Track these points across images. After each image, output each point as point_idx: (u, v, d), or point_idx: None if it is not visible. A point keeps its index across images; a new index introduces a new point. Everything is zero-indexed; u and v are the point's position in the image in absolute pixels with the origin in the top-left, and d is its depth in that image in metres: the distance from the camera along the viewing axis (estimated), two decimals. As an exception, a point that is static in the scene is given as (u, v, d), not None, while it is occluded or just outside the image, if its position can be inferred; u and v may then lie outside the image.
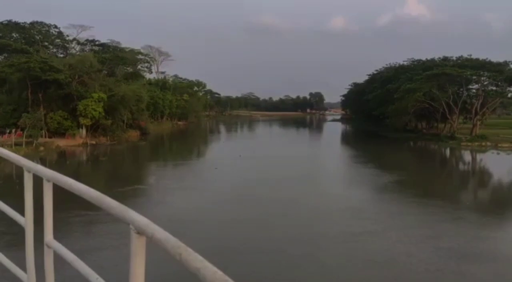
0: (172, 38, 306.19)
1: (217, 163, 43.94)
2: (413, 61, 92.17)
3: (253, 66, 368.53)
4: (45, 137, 64.72)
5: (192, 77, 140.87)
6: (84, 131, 69.81)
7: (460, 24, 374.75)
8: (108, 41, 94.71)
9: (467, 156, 60.13)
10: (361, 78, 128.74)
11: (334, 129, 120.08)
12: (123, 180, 32.94)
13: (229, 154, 51.89)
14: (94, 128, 71.22)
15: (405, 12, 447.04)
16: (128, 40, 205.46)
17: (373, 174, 38.55)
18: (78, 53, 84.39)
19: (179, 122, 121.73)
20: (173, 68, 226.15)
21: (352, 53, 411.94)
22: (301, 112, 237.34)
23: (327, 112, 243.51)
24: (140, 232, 1.62)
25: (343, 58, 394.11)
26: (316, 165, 43.36)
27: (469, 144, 72.29)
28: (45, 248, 2.36)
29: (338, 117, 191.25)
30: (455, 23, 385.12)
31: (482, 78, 73.60)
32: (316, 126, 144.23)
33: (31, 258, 2.54)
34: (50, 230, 2.38)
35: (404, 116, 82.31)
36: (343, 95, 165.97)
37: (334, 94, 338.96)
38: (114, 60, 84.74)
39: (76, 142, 68.10)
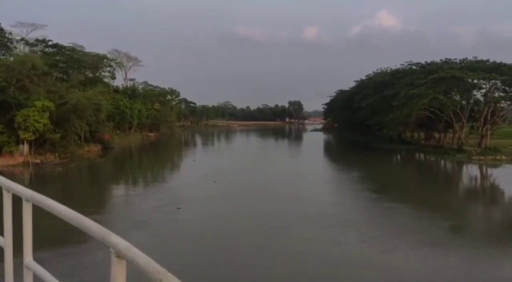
0: (145, 46, 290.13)
1: (184, 193, 30.92)
2: (410, 65, 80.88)
3: (230, 75, 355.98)
4: (-25, 155, 51.27)
5: (165, 85, 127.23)
6: (26, 147, 55.66)
7: (431, 36, 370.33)
8: (70, 44, 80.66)
9: (493, 175, 48.29)
10: (341, 86, 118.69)
11: (319, 140, 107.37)
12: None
13: (202, 177, 38.86)
14: (40, 144, 57.32)
15: (377, 23, 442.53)
16: (97, 47, 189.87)
17: (406, 211, 26.04)
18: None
19: (150, 134, 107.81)
20: (145, 76, 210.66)
21: (327, 63, 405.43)
22: (280, 121, 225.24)
23: (306, 121, 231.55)
24: (120, 255, 1.56)
25: (320, 68, 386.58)
26: (314, 197, 30.30)
27: (481, 157, 60.92)
28: (25, 269, 2.26)
29: (319, 126, 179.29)
30: (425, 34, 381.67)
31: (495, 81, 62.21)
32: (298, 137, 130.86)
33: (10, 280, 2.46)
34: (29, 251, 2.29)
35: (403, 126, 70.71)
36: (326, 104, 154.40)
37: (311, 104, 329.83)
38: (69, 63, 70.65)
39: (16, 160, 54.22)
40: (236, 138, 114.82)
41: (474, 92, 68.66)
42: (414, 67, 79.41)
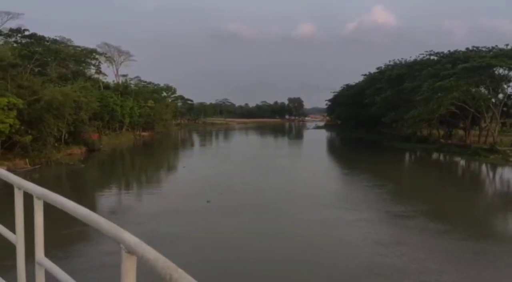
0: (138, 43, 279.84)
1: (164, 226, 21.14)
2: (429, 55, 70.79)
3: (228, 72, 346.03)
4: None
5: (160, 82, 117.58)
6: (-10, 152, 45.98)
7: (424, 31, 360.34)
8: (57, 37, 70.76)
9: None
10: (341, 82, 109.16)
11: (325, 140, 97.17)
12: None
13: (192, 194, 29.07)
14: (10, 147, 47.88)
15: (372, 19, 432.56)
16: (88, 44, 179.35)
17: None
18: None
19: (144, 133, 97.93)
20: (139, 73, 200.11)
21: (324, 59, 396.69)
22: (279, 119, 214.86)
23: (307, 118, 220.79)
24: (130, 251, 1.56)
25: (318, 64, 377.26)
26: (353, 232, 20.08)
27: (520, 159, 51.27)
28: (36, 266, 2.26)
29: (321, 124, 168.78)
30: (419, 29, 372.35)
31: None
32: (302, 136, 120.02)
33: (22, 276, 2.44)
34: (41, 248, 2.30)
35: (426, 123, 60.82)
36: (329, 100, 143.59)
37: (309, 101, 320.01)
38: (46, 54, 60.58)
39: (-24, 168, 44.12)
40: (235, 138, 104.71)
41: (504, 86, 59.07)
42: (433, 57, 69.50)
